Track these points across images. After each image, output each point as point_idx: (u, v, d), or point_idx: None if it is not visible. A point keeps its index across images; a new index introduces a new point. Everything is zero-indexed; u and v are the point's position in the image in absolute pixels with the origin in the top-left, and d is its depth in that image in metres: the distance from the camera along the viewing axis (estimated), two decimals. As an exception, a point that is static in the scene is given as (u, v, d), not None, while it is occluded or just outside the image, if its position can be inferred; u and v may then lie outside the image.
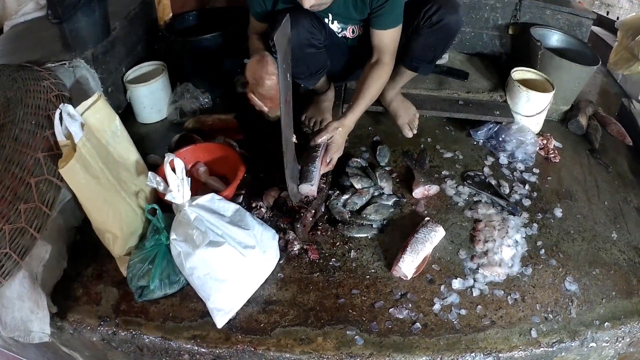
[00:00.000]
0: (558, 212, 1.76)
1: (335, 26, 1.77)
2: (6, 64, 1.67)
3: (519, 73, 2.19)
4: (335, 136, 1.69)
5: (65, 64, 1.78)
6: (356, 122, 1.75)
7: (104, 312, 1.39)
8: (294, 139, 1.62)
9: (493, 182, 1.86)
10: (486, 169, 1.93)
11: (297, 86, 1.95)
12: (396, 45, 1.75)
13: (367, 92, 1.72)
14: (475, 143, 2.09)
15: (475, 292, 1.47)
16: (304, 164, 1.64)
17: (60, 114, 1.32)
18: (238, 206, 1.47)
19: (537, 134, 2.08)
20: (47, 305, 1.34)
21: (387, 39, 1.71)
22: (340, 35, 1.82)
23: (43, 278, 1.37)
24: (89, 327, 1.37)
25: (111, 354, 1.42)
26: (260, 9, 1.72)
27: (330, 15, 1.74)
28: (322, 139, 1.67)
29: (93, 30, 1.88)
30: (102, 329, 1.36)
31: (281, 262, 1.53)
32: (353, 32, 1.81)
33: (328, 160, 1.67)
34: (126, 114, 2.13)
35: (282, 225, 1.60)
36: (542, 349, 1.35)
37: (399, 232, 1.64)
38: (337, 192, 1.74)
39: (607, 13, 2.95)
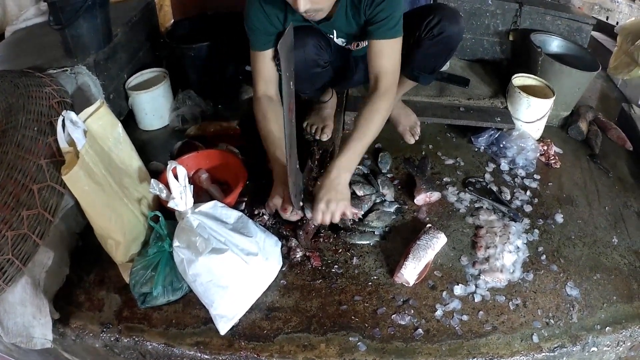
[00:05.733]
0: (559, 218, 1.77)
1: (340, 41, 1.75)
2: (8, 70, 1.67)
3: (520, 79, 2.19)
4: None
5: (67, 70, 1.78)
6: (356, 163, 1.61)
7: (106, 318, 1.39)
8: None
9: (494, 188, 1.87)
10: (487, 175, 1.94)
11: (298, 93, 1.95)
12: (396, 64, 1.62)
13: (362, 131, 1.58)
14: (476, 149, 2.09)
15: (477, 298, 1.47)
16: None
17: (63, 120, 1.31)
18: (241, 213, 1.47)
19: (537, 140, 2.09)
20: (50, 311, 1.34)
21: (385, 53, 1.58)
22: (345, 47, 1.80)
23: (45, 284, 1.37)
24: (91, 334, 1.36)
25: (113, 361, 1.42)
26: (266, 32, 1.60)
27: (335, 32, 1.71)
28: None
29: (95, 36, 1.88)
30: (104, 335, 1.36)
31: (284, 269, 1.52)
32: (357, 45, 1.79)
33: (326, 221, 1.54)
34: (127, 120, 2.13)
35: (284, 232, 1.60)
36: (543, 354, 1.35)
37: (400, 239, 1.64)
38: (339, 198, 1.73)
39: (607, 18, 2.96)
